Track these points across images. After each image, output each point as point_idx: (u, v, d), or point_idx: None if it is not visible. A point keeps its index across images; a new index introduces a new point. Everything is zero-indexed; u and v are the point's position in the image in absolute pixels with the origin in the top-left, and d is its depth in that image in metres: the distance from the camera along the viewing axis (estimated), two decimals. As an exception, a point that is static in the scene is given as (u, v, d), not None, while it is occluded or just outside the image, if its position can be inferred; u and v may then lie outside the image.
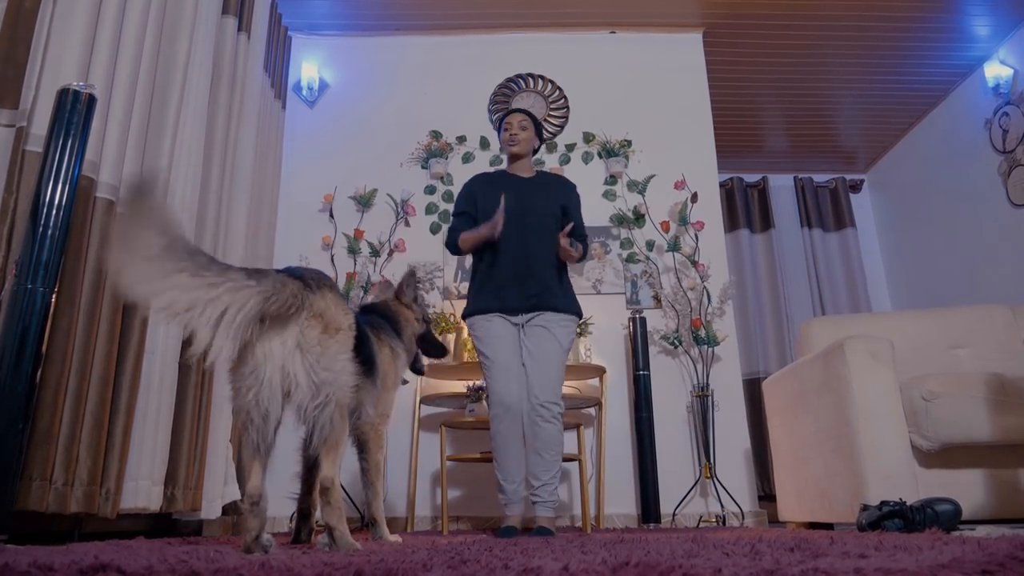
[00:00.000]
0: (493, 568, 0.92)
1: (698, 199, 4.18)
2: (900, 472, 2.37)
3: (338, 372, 1.55)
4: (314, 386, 1.50)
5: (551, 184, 2.98)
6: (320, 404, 1.52)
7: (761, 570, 0.84)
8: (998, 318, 3.12)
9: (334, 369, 1.54)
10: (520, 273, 2.76)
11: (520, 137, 2.92)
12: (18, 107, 2.07)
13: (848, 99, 5.28)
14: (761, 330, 5.38)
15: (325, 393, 1.52)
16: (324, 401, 1.52)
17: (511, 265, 2.78)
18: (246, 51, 3.44)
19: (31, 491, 1.84)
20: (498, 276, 2.79)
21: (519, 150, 2.94)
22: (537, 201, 2.87)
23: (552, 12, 4.50)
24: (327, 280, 1.67)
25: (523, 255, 2.78)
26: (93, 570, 0.87)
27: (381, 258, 4.14)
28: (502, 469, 2.71)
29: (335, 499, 1.57)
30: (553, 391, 2.70)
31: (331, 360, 1.53)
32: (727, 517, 3.71)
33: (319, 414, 1.52)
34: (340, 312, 1.60)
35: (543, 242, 2.80)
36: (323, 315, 1.54)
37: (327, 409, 1.53)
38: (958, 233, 5.08)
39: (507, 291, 2.76)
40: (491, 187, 2.92)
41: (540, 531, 2.62)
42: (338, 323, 1.58)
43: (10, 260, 1.90)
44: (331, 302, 1.59)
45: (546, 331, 2.75)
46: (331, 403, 1.53)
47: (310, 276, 1.59)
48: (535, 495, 2.71)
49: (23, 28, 2.11)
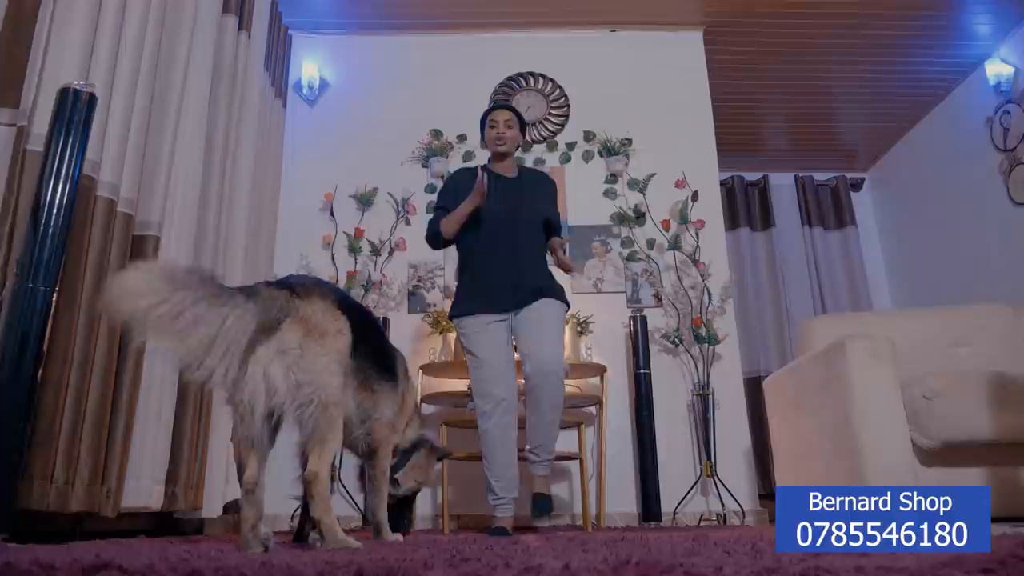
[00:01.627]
0: (494, 566, 0.92)
1: (699, 197, 4.17)
2: (901, 470, 2.37)
3: (318, 372, 1.59)
4: (293, 388, 1.56)
5: (534, 181, 2.99)
6: (302, 404, 1.57)
7: (762, 568, 0.84)
8: (999, 316, 3.12)
9: (313, 370, 1.58)
10: (509, 271, 2.75)
11: (507, 136, 2.88)
12: (19, 106, 2.06)
13: (849, 97, 5.27)
14: (762, 329, 5.37)
15: (305, 393, 1.57)
16: (305, 401, 1.57)
17: (499, 264, 2.76)
18: (246, 50, 3.43)
19: (32, 490, 1.84)
20: (486, 275, 2.77)
21: (506, 150, 2.91)
22: (524, 200, 2.85)
23: (553, 11, 4.49)
24: (321, 288, 1.73)
25: (512, 255, 2.76)
26: (95, 569, 0.87)
27: (382, 257, 4.13)
28: (492, 468, 2.69)
29: (319, 492, 1.59)
30: (555, 357, 2.66)
31: (311, 362, 1.58)
32: (728, 516, 3.71)
33: (302, 412, 1.57)
34: (328, 317, 1.66)
35: (531, 241, 2.80)
36: (307, 320, 1.61)
37: (310, 408, 1.57)
38: (959, 231, 5.07)
39: (496, 290, 2.74)
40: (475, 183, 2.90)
41: (541, 503, 2.68)
42: (323, 327, 1.63)
43: (11, 259, 1.90)
44: (318, 308, 1.65)
45: (538, 314, 2.73)
46: (314, 402, 1.58)
47: (299, 284, 1.69)
48: (532, 452, 2.71)
49: (24, 27, 2.11)
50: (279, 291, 1.61)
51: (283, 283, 1.68)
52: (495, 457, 2.68)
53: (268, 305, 1.55)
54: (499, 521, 2.66)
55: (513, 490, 2.71)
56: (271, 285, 1.65)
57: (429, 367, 3.71)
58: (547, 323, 2.72)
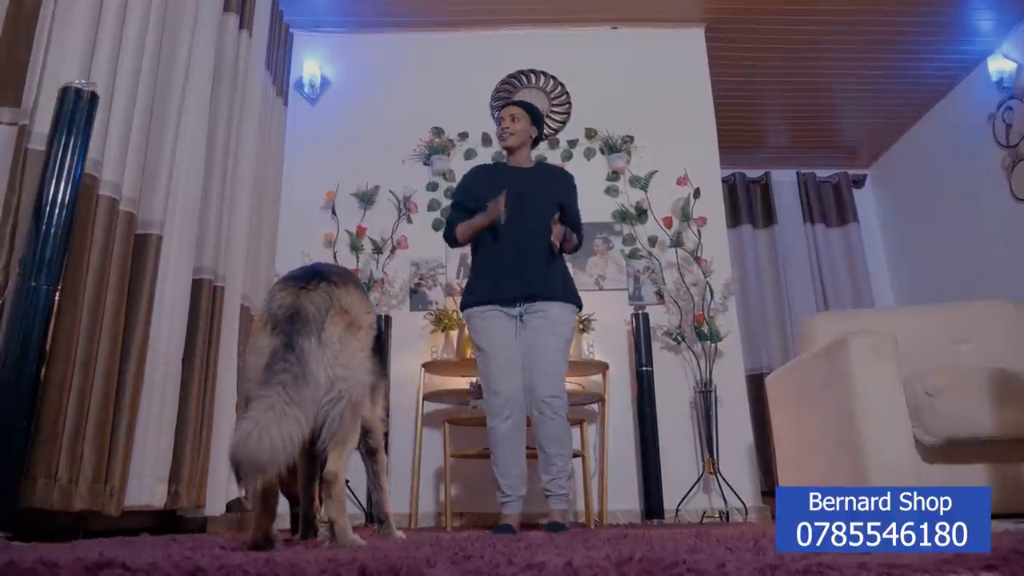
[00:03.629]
0: (497, 564, 0.92)
1: (700, 195, 4.17)
2: (903, 467, 2.37)
3: (355, 369, 1.56)
4: (329, 381, 1.51)
5: (550, 175, 3.02)
6: (333, 399, 1.52)
7: (765, 565, 0.84)
8: (1001, 313, 3.11)
9: (351, 366, 1.55)
10: (519, 262, 2.76)
11: (512, 129, 2.93)
12: (20, 105, 2.07)
13: (851, 94, 5.26)
14: (764, 326, 5.37)
15: (339, 389, 1.52)
16: (337, 396, 1.53)
17: (510, 255, 2.77)
18: (247, 48, 3.43)
19: (36, 489, 1.85)
20: (497, 266, 2.78)
21: (511, 143, 2.95)
22: (537, 192, 2.86)
23: (554, 8, 4.48)
24: (352, 277, 1.70)
25: (523, 245, 2.77)
26: (98, 567, 0.87)
27: (383, 255, 4.14)
28: (499, 466, 2.69)
29: (337, 493, 1.57)
30: (554, 384, 2.68)
31: (349, 357, 1.55)
32: (730, 513, 3.71)
33: (331, 409, 1.53)
34: (363, 310, 1.62)
35: (542, 232, 2.78)
36: (348, 311, 1.56)
37: (339, 405, 1.53)
38: (961, 228, 5.06)
39: (506, 280, 2.75)
40: (490, 178, 2.93)
41: (552, 526, 2.62)
42: (360, 321, 1.60)
43: (13, 259, 1.90)
44: (356, 299, 1.61)
45: (545, 321, 2.73)
46: (344, 399, 1.53)
47: (334, 273, 1.63)
48: (546, 489, 2.71)
49: (25, 26, 2.11)
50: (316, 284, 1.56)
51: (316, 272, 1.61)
52: (502, 455, 2.68)
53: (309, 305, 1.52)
54: (506, 519, 2.66)
55: (520, 488, 2.70)
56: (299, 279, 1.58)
57: (431, 365, 3.71)
58: (551, 349, 2.71)
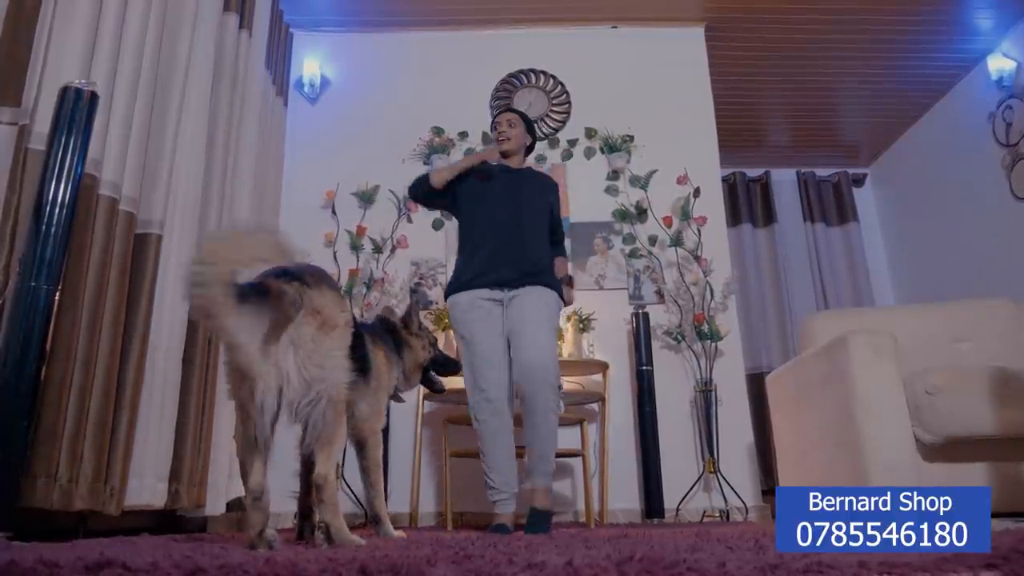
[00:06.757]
0: (497, 563, 0.92)
1: (700, 194, 4.17)
2: (903, 466, 2.37)
3: (330, 369, 1.55)
4: (304, 383, 1.50)
5: (539, 180, 3.09)
6: (311, 401, 1.52)
7: (765, 564, 0.84)
8: (1001, 312, 3.11)
9: (326, 366, 1.54)
10: (513, 246, 2.77)
11: (509, 134, 2.99)
12: (20, 105, 2.06)
13: (851, 93, 5.26)
14: (764, 325, 5.37)
15: (316, 390, 1.52)
16: (315, 398, 1.52)
17: (504, 239, 2.78)
18: (247, 48, 3.43)
19: (36, 488, 1.85)
20: (489, 249, 2.78)
21: (509, 147, 2.99)
22: (528, 189, 2.95)
23: (553, 7, 4.48)
24: (326, 277, 1.67)
25: (517, 232, 2.80)
26: (98, 567, 0.87)
27: (383, 254, 4.14)
28: (489, 463, 2.64)
29: (329, 496, 1.57)
30: (543, 348, 2.60)
31: (323, 357, 1.53)
32: (731, 512, 3.71)
33: (311, 411, 1.53)
34: (336, 309, 1.60)
35: (534, 225, 2.86)
36: (320, 312, 1.55)
37: (319, 406, 1.53)
38: (961, 227, 5.06)
39: (499, 263, 2.74)
40: (484, 172, 2.96)
41: (536, 516, 2.55)
42: (334, 320, 1.58)
43: (13, 258, 1.90)
44: (329, 299, 1.59)
45: (533, 297, 2.71)
46: (322, 400, 1.53)
47: (308, 273, 1.60)
48: (528, 459, 2.64)
49: (25, 25, 2.11)
50: (289, 283, 1.54)
51: (289, 273, 1.59)
52: (490, 452, 2.65)
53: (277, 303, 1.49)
54: (499, 518, 2.61)
55: (512, 485, 2.66)
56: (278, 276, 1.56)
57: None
58: (541, 311, 2.69)
